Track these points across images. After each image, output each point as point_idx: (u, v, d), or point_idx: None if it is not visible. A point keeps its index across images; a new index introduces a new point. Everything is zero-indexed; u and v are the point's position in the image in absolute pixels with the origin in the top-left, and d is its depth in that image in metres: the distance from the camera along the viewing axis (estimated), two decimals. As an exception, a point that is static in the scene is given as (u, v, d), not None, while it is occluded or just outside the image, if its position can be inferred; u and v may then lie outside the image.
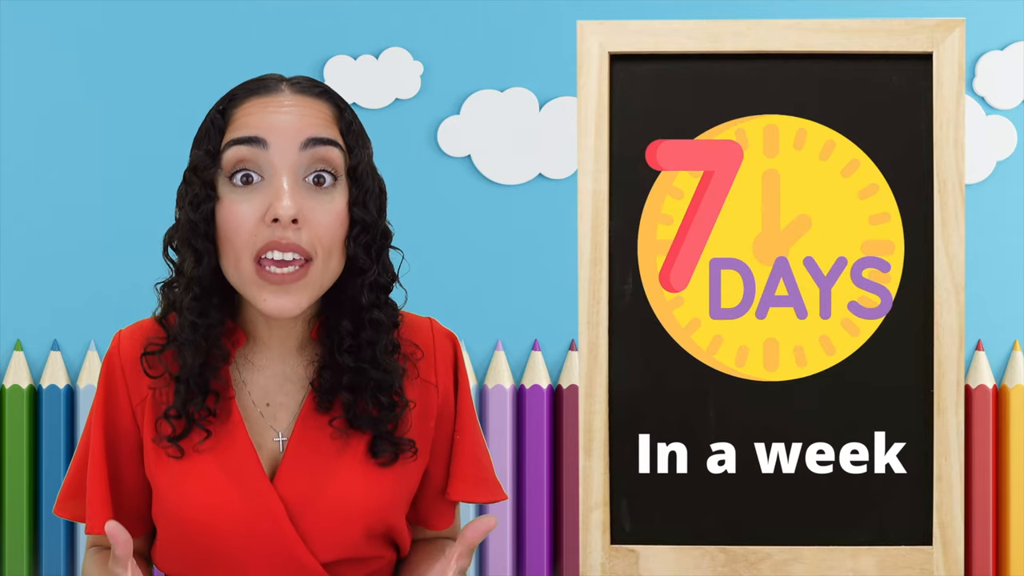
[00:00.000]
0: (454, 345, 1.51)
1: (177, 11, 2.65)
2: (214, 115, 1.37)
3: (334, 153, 1.36)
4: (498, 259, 2.67)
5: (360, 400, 1.40)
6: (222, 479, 1.38)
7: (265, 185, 1.34)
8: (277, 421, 1.42)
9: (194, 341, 1.36)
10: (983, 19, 2.64)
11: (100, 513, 1.41)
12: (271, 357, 1.43)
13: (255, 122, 1.35)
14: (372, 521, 1.41)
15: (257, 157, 1.34)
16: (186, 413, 1.38)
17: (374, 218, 1.38)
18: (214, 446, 1.39)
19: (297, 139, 1.34)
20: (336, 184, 1.36)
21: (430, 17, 2.67)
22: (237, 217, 1.33)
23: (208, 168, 1.35)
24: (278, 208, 1.31)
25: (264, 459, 1.41)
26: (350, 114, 1.40)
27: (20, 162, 2.65)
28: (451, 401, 1.49)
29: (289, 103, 1.36)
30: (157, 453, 1.40)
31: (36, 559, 2.62)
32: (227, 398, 1.40)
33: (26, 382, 2.60)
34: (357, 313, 1.39)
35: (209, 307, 1.37)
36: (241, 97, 1.38)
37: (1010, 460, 2.61)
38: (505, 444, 2.61)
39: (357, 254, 1.37)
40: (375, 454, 1.41)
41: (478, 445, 1.52)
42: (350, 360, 1.39)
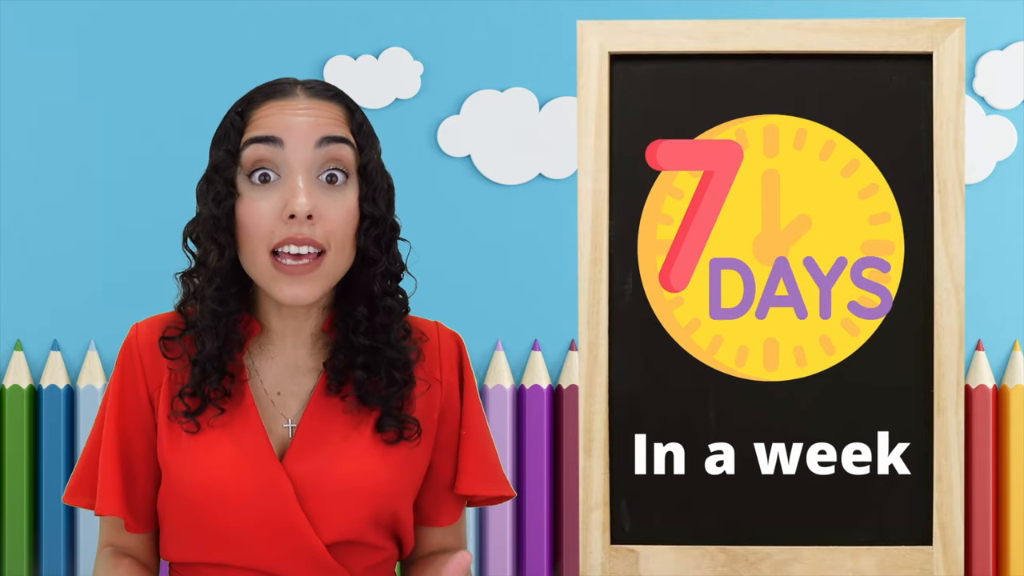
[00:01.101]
0: (459, 345, 1.56)
1: (177, 11, 2.65)
2: (233, 116, 1.45)
3: (346, 151, 1.43)
4: (498, 259, 2.67)
5: (373, 378, 1.46)
6: (234, 456, 1.43)
7: (282, 183, 1.41)
8: (287, 409, 1.47)
9: (214, 327, 1.44)
10: (983, 19, 2.64)
11: (111, 495, 1.47)
12: (284, 347, 1.49)
13: (272, 123, 1.42)
14: (378, 506, 1.45)
15: (274, 156, 1.41)
16: (201, 392, 1.44)
17: (383, 213, 1.46)
18: (227, 425, 1.44)
19: (312, 138, 1.42)
20: (348, 181, 1.44)
21: (430, 17, 2.67)
22: (256, 213, 1.41)
23: (229, 167, 1.43)
24: (294, 205, 1.39)
25: (274, 443, 1.45)
26: (360, 115, 1.49)
27: (20, 162, 2.65)
28: (456, 398, 1.53)
29: (304, 106, 1.43)
30: (171, 430, 1.45)
31: (36, 559, 2.62)
32: (241, 381, 1.46)
33: (26, 382, 2.60)
34: (371, 300, 1.47)
35: (228, 296, 1.44)
36: (258, 100, 1.45)
37: (1010, 460, 2.61)
38: (505, 444, 2.62)
39: (368, 246, 1.44)
40: (380, 429, 1.46)
41: (486, 441, 1.55)
42: (366, 340, 1.46)
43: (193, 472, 1.43)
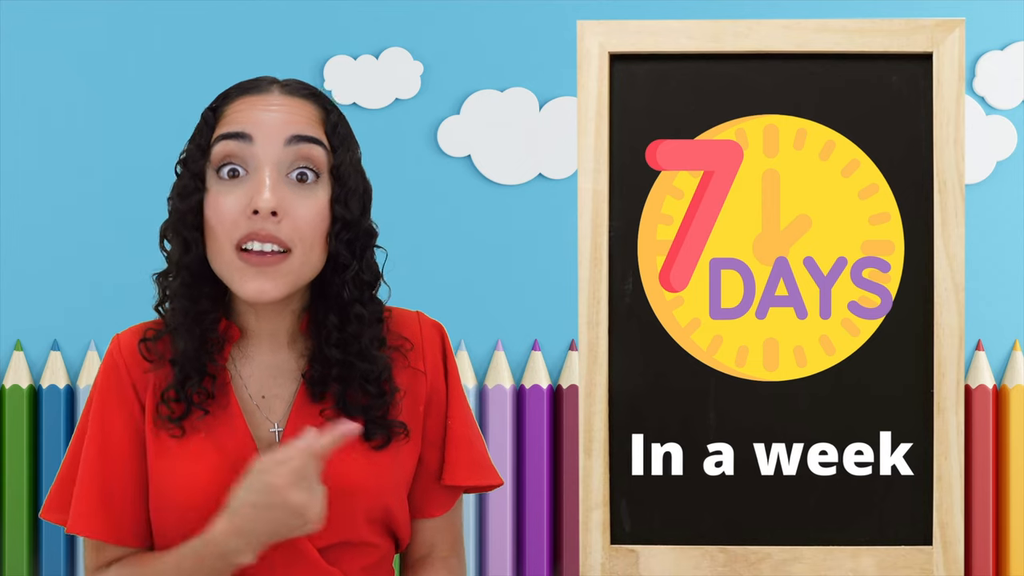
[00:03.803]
0: (441, 334, 1.54)
1: (177, 11, 2.65)
2: (207, 112, 1.44)
3: (317, 151, 1.41)
4: (498, 259, 2.67)
5: (350, 390, 1.44)
6: (220, 464, 1.41)
7: (249, 179, 1.39)
8: (272, 412, 1.45)
9: (186, 325, 1.41)
10: (983, 19, 2.64)
11: (86, 514, 1.43)
12: (263, 350, 1.47)
13: (243, 118, 1.40)
14: (369, 505, 1.44)
15: (243, 151, 1.39)
16: (184, 394, 1.41)
17: (356, 217, 1.43)
18: (212, 432, 1.42)
19: (282, 135, 1.39)
20: (318, 181, 1.41)
21: (430, 17, 2.67)
22: (221, 208, 1.39)
23: (197, 161, 1.41)
24: (258, 201, 1.37)
25: (261, 450, 1.43)
26: (336, 116, 1.45)
27: (20, 162, 2.65)
28: (441, 388, 1.52)
29: (277, 102, 1.42)
30: (158, 439, 1.43)
31: (36, 559, 2.62)
32: (223, 383, 1.44)
33: (26, 382, 2.60)
34: (342, 308, 1.44)
35: (200, 294, 1.42)
36: (233, 96, 1.44)
37: (1010, 460, 2.61)
38: (505, 444, 2.62)
39: (339, 251, 1.42)
40: (368, 438, 1.44)
41: (471, 430, 1.54)
42: (338, 353, 1.43)
43: (180, 481, 1.41)
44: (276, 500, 1.33)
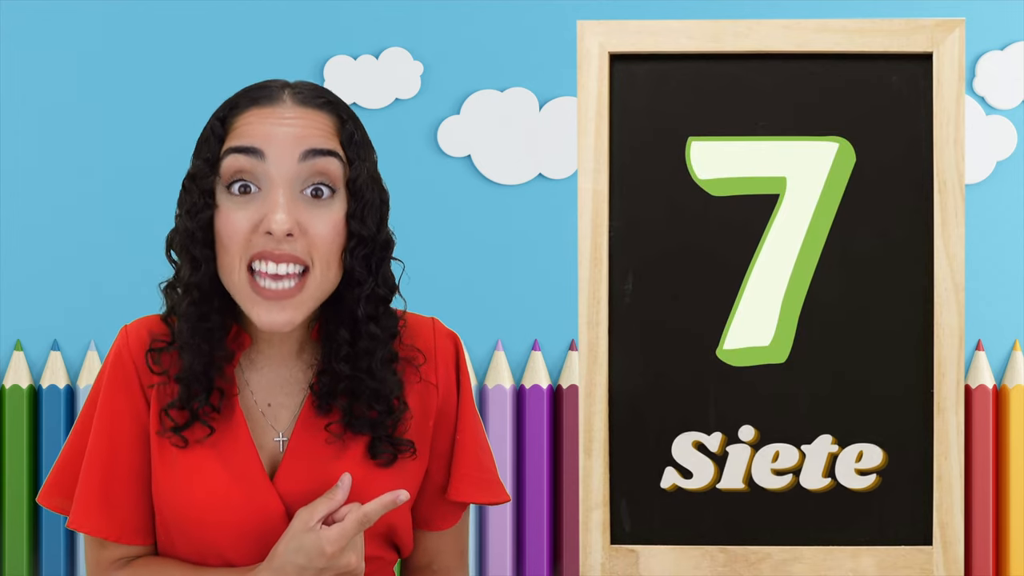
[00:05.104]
0: (456, 345, 1.51)
1: (177, 11, 2.65)
2: (214, 123, 1.38)
3: (333, 165, 1.36)
4: (498, 259, 2.67)
5: (357, 405, 1.41)
6: (223, 476, 1.39)
7: (261, 196, 1.34)
8: (278, 421, 1.44)
9: (194, 344, 1.38)
10: (983, 19, 2.64)
11: (89, 510, 1.41)
12: (272, 358, 1.44)
13: (254, 131, 1.35)
14: None
15: (254, 167, 1.34)
16: (190, 408, 1.39)
17: (372, 232, 1.38)
18: (216, 443, 1.40)
19: (296, 151, 1.34)
20: (334, 196, 1.36)
21: (430, 17, 2.67)
22: (232, 225, 1.34)
23: (206, 176, 1.35)
24: (271, 222, 1.32)
25: (265, 459, 1.42)
26: (352, 125, 1.40)
27: (20, 162, 2.65)
28: (452, 401, 1.50)
29: (290, 115, 1.36)
30: (161, 446, 1.41)
31: (36, 559, 2.62)
32: (230, 395, 1.41)
33: (26, 382, 2.60)
34: (354, 324, 1.40)
35: (209, 311, 1.38)
36: (243, 106, 1.38)
37: (1010, 460, 2.61)
38: (505, 444, 2.62)
39: (354, 267, 1.38)
40: (374, 455, 1.42)
41: (480, 446, 1.52)
42: (347, 368, 1.40)
43: (182, 493, 1.39)
44: (324, 564, 1.34)
